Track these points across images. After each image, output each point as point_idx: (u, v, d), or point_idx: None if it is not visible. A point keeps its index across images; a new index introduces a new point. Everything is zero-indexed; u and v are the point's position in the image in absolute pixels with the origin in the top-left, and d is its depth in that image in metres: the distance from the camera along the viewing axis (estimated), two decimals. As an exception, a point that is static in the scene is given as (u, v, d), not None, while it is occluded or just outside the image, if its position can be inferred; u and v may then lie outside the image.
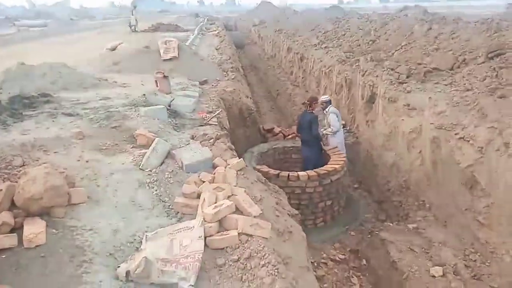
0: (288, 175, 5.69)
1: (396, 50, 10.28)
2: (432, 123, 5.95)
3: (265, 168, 5.89)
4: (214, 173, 3.62)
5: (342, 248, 5.46)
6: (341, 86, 10.19)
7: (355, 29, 14.22)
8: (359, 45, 12.08)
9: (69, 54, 12.06)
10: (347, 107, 9.56)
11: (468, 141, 5.17)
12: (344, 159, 6.26)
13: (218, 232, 2.87)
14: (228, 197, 3.26)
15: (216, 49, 14.90)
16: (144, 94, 6.68)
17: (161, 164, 3.77)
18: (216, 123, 6.04)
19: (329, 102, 7.95)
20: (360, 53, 10.96)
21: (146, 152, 3.99)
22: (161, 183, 3.51)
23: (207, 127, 5.85)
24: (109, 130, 5.02)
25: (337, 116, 7.83)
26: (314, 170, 5.83)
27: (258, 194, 3.60)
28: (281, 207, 3.86)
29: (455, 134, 5.46)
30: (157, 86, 7.13)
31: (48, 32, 27.44)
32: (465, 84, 6.68)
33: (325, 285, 4.63)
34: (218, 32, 22.76)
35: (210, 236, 2.79)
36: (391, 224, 5.57)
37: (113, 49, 12.22)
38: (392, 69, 8.30)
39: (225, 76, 9.75)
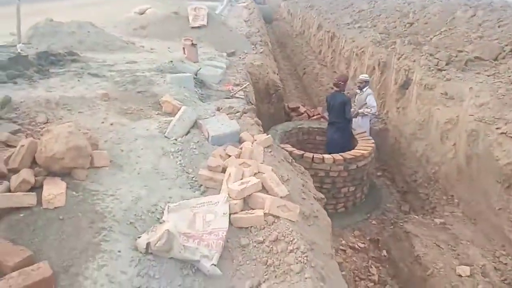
0: (313, 157, 5.47)
1: (434, 35, 9.71)
2: (472, 115, 5.58)
3: (289, 148, 5.68)
4: (241, 148, 3.44)
5: (362, 237, 5.28)
6: (373, 69, 9.74)
7: (391, 10, 13.52)
8: (395, 27, 11.47)
9: (96, 15, 11.91)
10: (378, 92, 9.14)
11: (511, 137, 4.82)
12: (373, 145, 5.99)
13: (242, 210, 2.72)
14: (255, 174, 3.09)
15: (245, 21, 14.46)
16: (171, 61, 6.48)
17: (187, 134, 3.61)
18: (243, 96, 5.82)
19: (368, 82, 7.60)
20: (396, 36, 10.41)
21: (171, 120, 3.83)
22: (186, 153, 3.36)
23: (233, 100, 5.64)
24: (135, 94, 4.88)
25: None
26: (340, 154, 5.59)
27: (285, 174, 3.42)
28: (307, 189, 3.68)
29: (497, 128, 5.10)
30: (184, 53, 6.92)
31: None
32: (510, 76, 6.24)
33: (342, 273, 4.48)
34: (247, 4, 22.16)
35: (235, 213, 2.64)
36: (416, 216, 5.32)
37: (141, 13, 12.00)
38: (430, 55, 7.82)
39: (253, 49, 9.43)
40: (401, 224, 5.10)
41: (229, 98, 5.71)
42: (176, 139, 3.49)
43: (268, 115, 7.76)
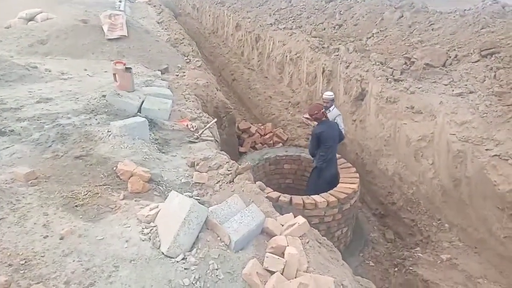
0: (304, 203, 4.63)
1: (368, 38, 9.61)
2: (454, 134, 5.31)
3: (273, 194, 4.74)
4: (282, 254, 2.39)
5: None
6: (314, 77, 9.25)
7: (311, 9, 13.27)
8: (324, 29, 11.19)
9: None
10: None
11: (507, 160, 4.61)
12: (357, 174, 5.38)
13: None
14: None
15: (158, 23, 12.82)
16: (103, 95, 4.95)
17: (194, 243, 2.41)
18: (211, 137, 4.67)
19: (333, 101, 6.93)
20: (328, 39, 10.09)
21: (156, 209, 2.58)
22: (208, 283, 2.18)
23: (201, 144, 4.46)
24: (73, 163, 3.40)
25: None
26: (332, 193, 4.85)
27: (344, 280, 2.49)
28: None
29: (487, 150, 4.88)
30: (115, 80, 5.39)
31: None
32: (466, 85, 6.20)
33: None
34: (149, 0, 20.04)
35: None
36: (420, 255, 4.89)
37: (30, 19, 9.64)
38: (381, 63, 7.56)
39: (187, 62, 8.12)
40: (411, 268, 4.61)
41: (194, 142, 4.51)
42: (185, 259, 2.27)
43: (222, 143, 6.66)
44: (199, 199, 3.32)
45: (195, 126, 4.88)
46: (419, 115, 6.13)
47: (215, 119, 4.89)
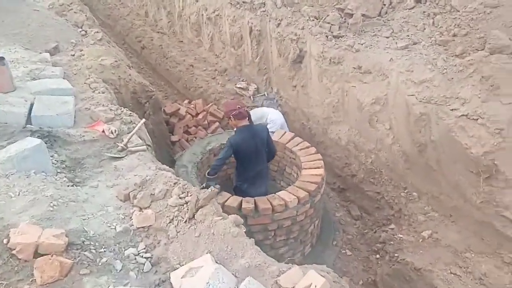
0: (272, 206, 3.80)
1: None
2: (413, 95, 4.84)
3: (232, 200, 3.81)
4: None
5: (353, 283, 4.13)
6: (240, 38, 8.13)
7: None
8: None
9: None
10: (257, 66, 7.72)
11: (476, 120, 4.27)
12: (319, 156, 4.66)
13: None
14: None
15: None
16: (-35, 107, 3.38)
17: None
18: (143, 145, 3.49)
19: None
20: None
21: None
22: None
23: (130, 159, 3.28)
24: None
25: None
26: (298, 186, 4.08)
27: None
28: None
29: (452, 110, 4.49)
30: (-18, 79, 3.77)
31: None
32: (408, 36, 5.76)
33: None
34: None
35: None
36: (401, 236, 4.48)
37: None
38: (316, 18, 6.74)
39: (83, 35, 6.40)
40: (397, 255, 4.17)
41: (119, 157, 3.31)
42: None
43: (150, 135, 5.41)
44: (150, 257, 2.28)
45: (115, 130, 3.63)
46: (368, 76, 5.55)
47: (143, 120, 3.66)
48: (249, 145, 3.89)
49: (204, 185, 3.72)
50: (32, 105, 3.64)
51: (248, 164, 4.01)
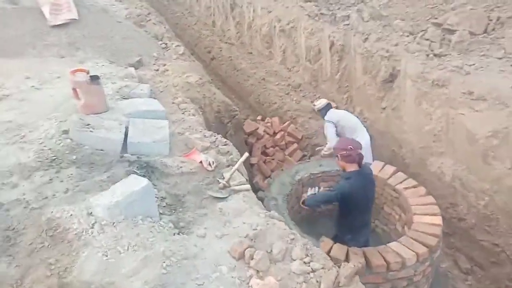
0: (387, 264, 3.22)
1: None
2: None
3: (338, 252, 3.29)
4: None
5: None
6: (318, 52, 7.63)
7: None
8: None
9: None
10: (337, 83, 7.17)
11: None
12: (433, 200, 4.00)
13: None
14: None
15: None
16: (64, 131, 3.16)
17: None
18: (246, 183, 3.08)
19: (324, 109, 5.57)
20: (325, 2, 8.39)
21: None
22: None
23: (235, 200, 2.88)
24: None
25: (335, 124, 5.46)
26: (416, 238, 3.47)
27: None
28: None
29: None
30: (78, 98, 3.56)
31: None
32: (526, 56, 4.94)
33: None
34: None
35: None
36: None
37: None
38: (411, 34, 6.09)
39: (164, 48, 6.23)
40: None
41: (222, 197, 2.92)
42: None
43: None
44: None
45: (213, 162, 3.25)
46: (482, 103, 4.80)
47: (247, 154, 3.25)
48: (359, 195, 3.34)
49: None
50: (126, 129, 3.37)
51: (355, 214, 3.46)
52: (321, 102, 5.79)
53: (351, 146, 3.43)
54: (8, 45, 5.09)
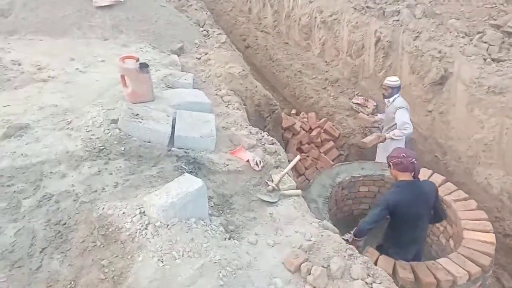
0: (438, 282, 3.03)
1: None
2: None
3: (384, 264, 3.12)
4: None
5: None
6: (361, 47, 7.31)
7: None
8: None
9: None
10: (380, 81, 6.85)
11: None
12: (485, 215, 3.77)
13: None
14: None
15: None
16: (113, 120, 3.09)
17: None
18: (299, 190, 2.94)
19: (397, 89, 5.31)
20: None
21: None
22: None
23: (285, 206, 2.75)
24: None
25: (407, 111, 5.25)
26: (466, 256, 3.26)
27: None
28: None
29: None
30: (125, 85, 3.48)
31: None
32: None
33: None
34: None
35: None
36: None
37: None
38: (466, 35, 5.73)
39: (205, 35, 6.10)
40: None
41: (271, 201, 2.79)
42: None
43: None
44: None
45: (260, 162, 3.12)
46: (543, 114, 4.48)
47: (299, 156, 3.10)
48: (410, 207, 3.12)
49: (346, 238, 3.08)
50: (173, 121, 3.27)
51: (403, 229, 3.25)
52: (396, 80, 5.35)
53: (404, 154, 3.23)
54: (55, 25, 5.07)
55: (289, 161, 3.14)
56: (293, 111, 7.17)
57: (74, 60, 4.34)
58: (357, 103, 6.89)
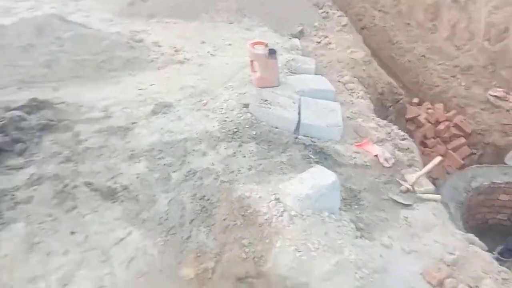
0: None
1: None
2: None
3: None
4: None
5: None
6: (503, 31, 6.35)
7: None
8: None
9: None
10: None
11: None
12: None
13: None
14: None
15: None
16: (245, 105, 3.20)
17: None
18: (439, 195, 2.72)
19: None
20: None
21: None
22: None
23: (422, 210, 2.56)
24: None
25: None
26: None
27: None
28: None
29: None
30: (254, 71, 3.56)
31: None
32: None
33: None
34: None
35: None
36: None
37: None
38: None
39: (324, 17, 5.92)
40: None
41: (406, 204, 2.61)
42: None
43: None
44: None
45: (390, 158, 2.94)
46: None
47: (439, 158, 2.85)
48: None
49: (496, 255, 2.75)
50: (299, 108, 3.26)
51: None
52: None
53: None
54: (186, 9, 5.42)
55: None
56: (415, 100, 6.63)
57: (205, 43, 4.60)
58: (495, 96, 6.02)
